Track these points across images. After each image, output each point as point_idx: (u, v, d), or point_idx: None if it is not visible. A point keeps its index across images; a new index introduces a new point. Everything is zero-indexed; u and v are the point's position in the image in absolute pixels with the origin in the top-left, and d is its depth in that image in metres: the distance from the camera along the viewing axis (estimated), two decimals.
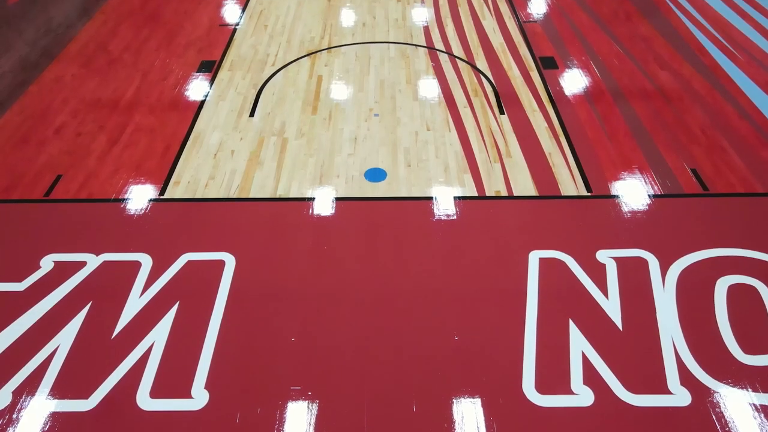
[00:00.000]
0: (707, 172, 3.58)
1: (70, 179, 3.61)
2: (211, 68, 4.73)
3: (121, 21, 5.42)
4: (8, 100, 4.39)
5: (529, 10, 5.50)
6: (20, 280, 2.92)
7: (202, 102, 4.33)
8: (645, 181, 3.53)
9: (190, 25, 5.33)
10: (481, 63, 4.73)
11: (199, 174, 3.65)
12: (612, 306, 2.75)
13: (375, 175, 3.62)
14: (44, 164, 3.74)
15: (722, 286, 2.84)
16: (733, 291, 2.81)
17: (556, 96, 4.32)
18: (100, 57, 4.89)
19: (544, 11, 5.49)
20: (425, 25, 5.30)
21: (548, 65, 4.69)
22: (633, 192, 3.45)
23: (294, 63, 4.79)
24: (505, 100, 4.29)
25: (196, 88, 4.49)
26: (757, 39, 4.98)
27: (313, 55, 4.90)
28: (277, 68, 4.72)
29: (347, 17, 5.45)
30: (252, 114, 4.20)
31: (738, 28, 5.13)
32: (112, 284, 2.90)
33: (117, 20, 5.43)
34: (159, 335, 2.65)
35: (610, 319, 2.70)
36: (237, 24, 5.36)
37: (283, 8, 5.60)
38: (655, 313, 2.72)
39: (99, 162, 3.75)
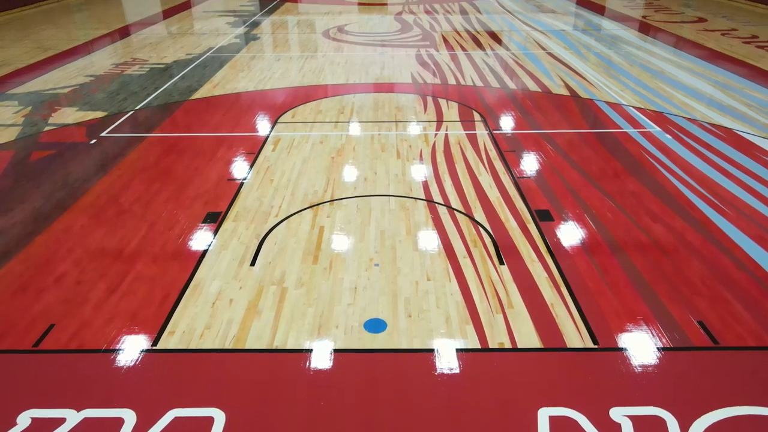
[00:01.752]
0: (714, 325, 3.51)
1: (62, 329, 3.53)
2: (216, 219, 4.86)
3: (136, 175, 5.70)
4: (14, 249, 4.45)
5: (522, 168, 5.80)
6: None
7: (205, 251, 4.38)
8: (652, 334, 3.43)
9: (200, 179, 5.60)
10: (479, 215, 4.88)
11: (195, 323, 3.57)
12: None
13: (375, 325, 3.54)
14: (39, 313, 3.68)
15: None
16: None
17: (554, 247, 4.39)
18: (111, 208, 5.06)
19: (537, 168, 5.79)
20: (424, 180, 5.56)
21: (544, 218, 4.83)
22: (641, 345, 3.34)
23: (297, 214, 4.94)
24: (504, 250, 4.35)
25: (200, 238, 4.58)
26: (743, 195, 5.18)
27: (315, 207, 5.07)
28: (280, 219, 4.86)
29: (350, 173, 5.74)
30: (253, 263, 4.23)
31: (723, 186, 5.37)
32: None
33: (132, 175, 5.71)
34: None
35: None
36: (244, 179, 5.63)
37: (289, 165, 5.92)
38: None
39: (94, 311, 3.70)
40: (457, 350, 3.31)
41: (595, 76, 9.10)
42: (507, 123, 7.08)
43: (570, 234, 4.58)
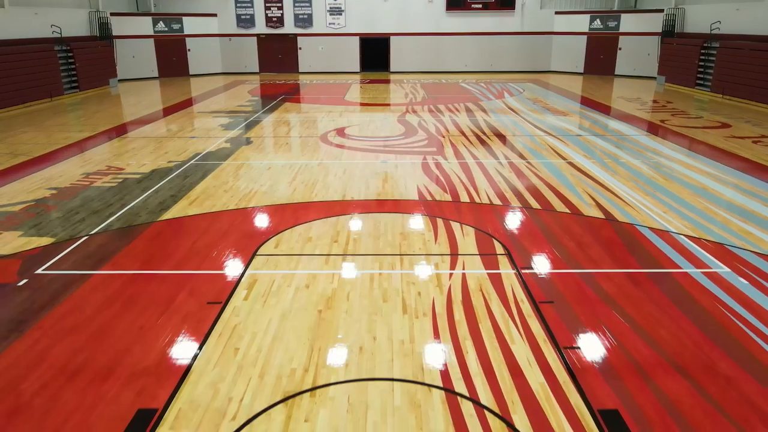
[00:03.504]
0: None
1: None
2: (147, 423, 3.42)
3: (57, 341, 4.30)
4: None
5: (567, 330, 4.40)
6: None
7: None
8: None
9: (140, 349, 4.19)
10: (521, 419, 3.43)
11: None
12: None
13: None
14: None
15: None
16: None
17: None
18: (4, 402, 3.63)
19: (588, 336, 4.39)
20: (440, 353, 4.14)
21: (613, 425, 3.38)
22: None
23: (263, 415, 3.50)
24: None
25: None
26: None
27: (290, 399, 3.64)
28: (239, 425, 3.41)
29: (341, 340, 4.35)
30: None
31: None
32: None
33: (52, 339, 4.32)
34: None
35: None
36: (200, 348, 4.23)
37: (262, 323, 4.54)
38: None
39: None
40: None
41: (629, 193, 7.93)
42: (538, 260, 5.76)
43: None
